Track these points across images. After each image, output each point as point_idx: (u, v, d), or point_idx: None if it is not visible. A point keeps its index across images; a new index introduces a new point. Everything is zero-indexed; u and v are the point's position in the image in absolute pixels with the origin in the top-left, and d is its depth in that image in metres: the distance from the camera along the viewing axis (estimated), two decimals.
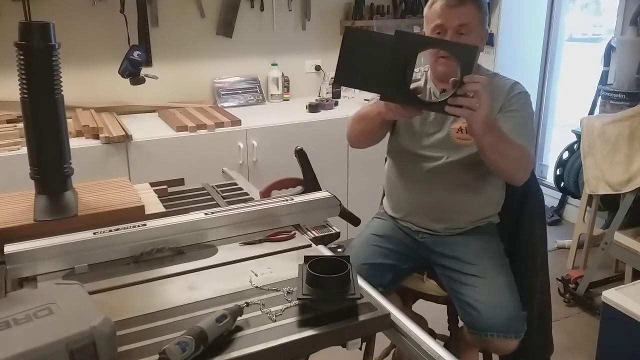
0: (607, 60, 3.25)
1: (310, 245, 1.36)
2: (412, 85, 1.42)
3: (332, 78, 3.00)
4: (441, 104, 1.35)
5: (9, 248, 1.19)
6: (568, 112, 3.86)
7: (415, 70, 1.73)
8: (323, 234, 1.43)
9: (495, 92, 1.65)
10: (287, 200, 1.47)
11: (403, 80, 1.33)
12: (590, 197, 2.88)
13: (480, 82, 1.32)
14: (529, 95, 1.68)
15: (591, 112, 3.25)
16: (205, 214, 1.38)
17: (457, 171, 1.67)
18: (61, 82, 1.37)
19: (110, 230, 1.27)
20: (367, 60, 1.32)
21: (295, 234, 1.41)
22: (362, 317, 1.05)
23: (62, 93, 1.37)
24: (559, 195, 3.66)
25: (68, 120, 1.72)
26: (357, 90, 1.32)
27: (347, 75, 1.36)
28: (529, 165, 1.58)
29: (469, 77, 1.30)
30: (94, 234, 1.26)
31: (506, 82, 1.68)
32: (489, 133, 1.42)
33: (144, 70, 2.77)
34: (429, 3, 1.64)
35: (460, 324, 1.71)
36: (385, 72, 1.32)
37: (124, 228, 1.29)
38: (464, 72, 1.30)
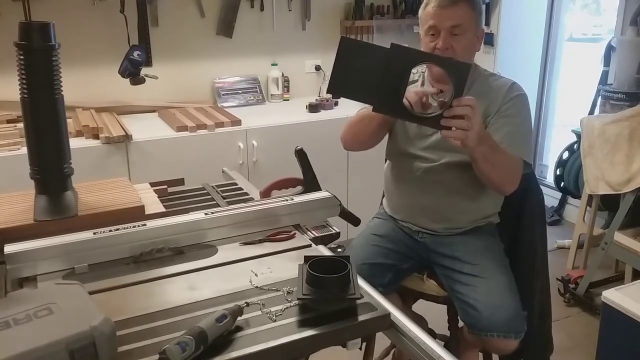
0: (607, 60, 3.25)
1: (310, 245, 1.36)
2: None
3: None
4: (432, 119, 1.35)
5: (9, 248, 1.19)
6: (568, 112, 3.86)
7: (413, 71, 1.73)
8: (323, 234, 1.43)
9: (492, 94, 1.64)
10: (287, 200, 1.47)
11: (396, 93, 1.32)
12: (590, 197, 2.88)
13: (469, 104, 1.32)
14: (526, 97, 1.67)
15: (591, 112, 3.25)
16: (205, 214, 1.38)
17: (455, 172, 1.67)
18: (61, 82, 1.37)
19: (110, 230, 1.27)
20: (361, 71, 1.32)
21: (295, 234, 1.41)
22: (362, 317, 1.05)
23: (62, 93, 1.37)
24: (559, 195, 3.66)
25: (68, 120, 1.72)
26: None
27: (340, 85, 1.35)
28: (517, 177, 1.58)
29: (457, 101, 1.30)
30: (94, 234, 1.26)
31: (503, 83, 1.67)
32: (482, 144, 1.42)
33: (144, 70, 2.76)
34: (423, 4, 1.64)
35: (460, 324, 1.71)
36: (378, 84, 1.31)
37: (124, 228, 1.29)
38: (457, 90, 1.30)
